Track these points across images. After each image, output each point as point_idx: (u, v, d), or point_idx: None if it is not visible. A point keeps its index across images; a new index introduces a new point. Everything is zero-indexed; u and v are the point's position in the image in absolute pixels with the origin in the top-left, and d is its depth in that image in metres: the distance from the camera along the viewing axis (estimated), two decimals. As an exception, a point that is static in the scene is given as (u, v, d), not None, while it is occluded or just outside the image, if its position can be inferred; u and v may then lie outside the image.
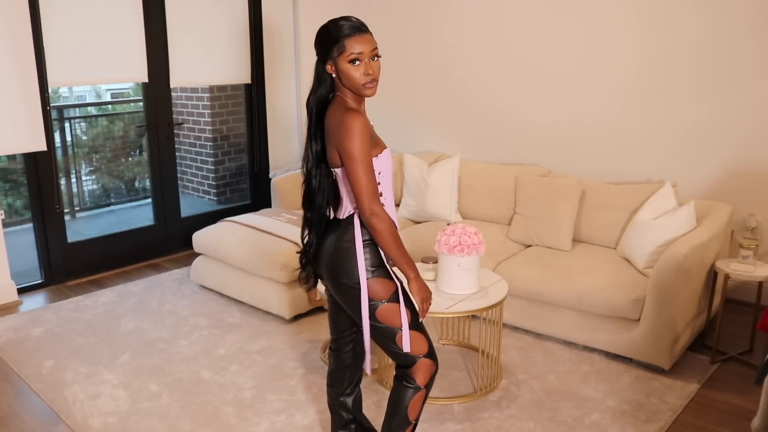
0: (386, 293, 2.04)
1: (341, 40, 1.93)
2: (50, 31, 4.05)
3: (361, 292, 2.03)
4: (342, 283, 2.07)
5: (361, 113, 1.99)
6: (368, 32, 1.97)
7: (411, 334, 2.06)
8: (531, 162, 4.46)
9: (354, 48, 1.93)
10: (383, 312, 2.04)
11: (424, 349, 2.10)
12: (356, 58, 1.93)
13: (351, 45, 1.93)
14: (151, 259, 4.87)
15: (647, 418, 2.76)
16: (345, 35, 1.93)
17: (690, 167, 3.87)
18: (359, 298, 2.04)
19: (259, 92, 5.24)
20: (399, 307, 2.05)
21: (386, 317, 2.05)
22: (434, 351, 2.15)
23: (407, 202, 4.45)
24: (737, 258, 3.21)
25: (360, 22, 1.98)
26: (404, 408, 2.13)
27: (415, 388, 2.12)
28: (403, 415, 2.14)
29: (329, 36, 1.96)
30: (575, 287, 3.29)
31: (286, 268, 3.60)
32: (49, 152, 4.14)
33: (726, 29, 3.62)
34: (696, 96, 3.79)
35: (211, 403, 2.92)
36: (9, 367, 3.26)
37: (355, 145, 1.91)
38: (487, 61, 4.65)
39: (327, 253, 2.10)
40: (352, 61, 1.94)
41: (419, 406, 2.15)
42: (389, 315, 2.05)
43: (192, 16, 4.73)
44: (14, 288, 4.11)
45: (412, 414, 2.14)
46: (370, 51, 1.95)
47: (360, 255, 2.03)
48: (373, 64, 1.97)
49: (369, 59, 1.95)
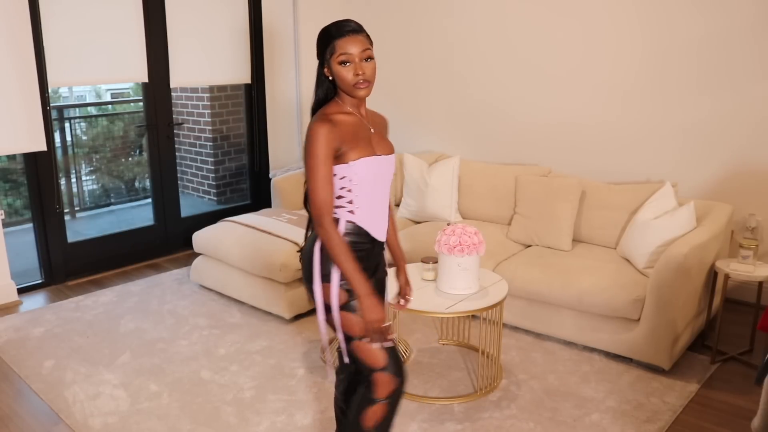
0: (340, 299, 1.99)
1: (332, 42, 1.94)
2: (50, 31, 4.05)
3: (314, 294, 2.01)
4: (306, 284, 2.08)
5: (326, 121, 1.93)
6: (361, 33, 1.96)
7: (360, 345, 1.99)
8: (531, 162, 4.46)
9: (344, 49, 1.92)
10: (339, 318, 2.00)
11: (381, 364, 2.01)
12: (346, 59, 1.93)
13: (341, 46, 1.93)
14: (151, 259, 4.87)
15: (647, 418, 2.76)
16: (336, 37, 1.94)
17: (690, 167, 3.87)
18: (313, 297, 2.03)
19: (259, 92, 5.24)
20: (350, 316, 1.98)
21: (341, 323, 2.00)
22: (398, 367, 2.04)
23: (407, 202, 4.45)
24: (737, 258, 3.21)
25: (354, 24, 1.97)
26: (359, 412, 2.07)
27: (371, 400, 2.04)
28: (356, 422, 2.07)
29: (323, 39, 1.98)
30: (575, 287, 3.29)
31: (286, 268, 3.60)
32: (49, 152, 4.14)
33: (726, 29, 3.62)
34: (696, 96, 3.79)
35: (211, 403, 2.92)
36: (9, 367, 3.26)
37: (309, 154, 1.90)
38: (487, 61, 4.65)
39: (301, 251, 2.12)
40: (342, 63, 1.93)
41: (378, 417, 2.06)
42: (343, 322, 1.99)
43: (192, 16, 4.73)
44: (14, 288, 4.11)
45: (368, 422, 2.06)
46: (360, 52, 1.93)
47: (316, 259, 1.99)
48: (365, 65, 1.95)
49: (360, 60, 1.94)
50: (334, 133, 1.91)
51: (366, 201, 2.01)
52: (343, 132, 1.95)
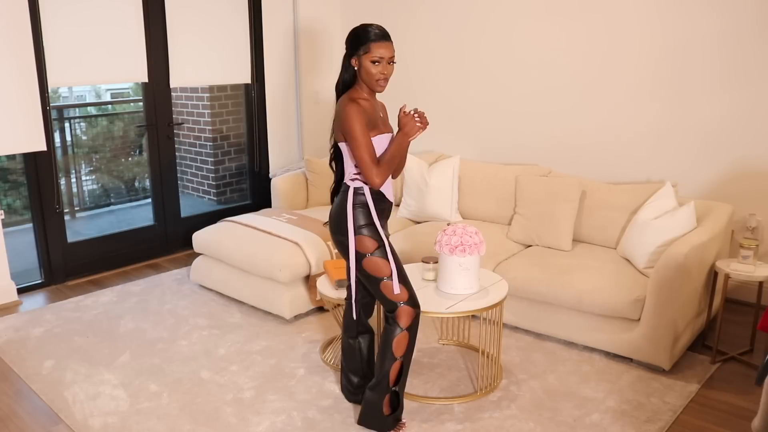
0: (370, 248, 2.51)
1: (368, 43, 2.42)
2: (50, 31, 4.05)
3: (349, 245, 2.52)
4: (337, 237, 2.58)
5: (357, 103, 2.45)
6: (391, 41, 2.46)
7: (387, 284, 2.51)
8: (531, 162, 4.46)
9: (378, 52, 2.43)
10: (368, 263, 2.52)
11: (404, 297, 2.53)
12: (378, 60, 2.43)
13: (376, 48, 2.42)
14: (151, 259, 4.87)
15: (647, 418, 2.76)
16: (372, 39, 2.42)
17: (690, 167, 3.87)
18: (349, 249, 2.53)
19: (259, 92, 5.24)
20: (381, 260, 2.51)
21: (371, 268, 2.52)
22: (415, 299, 2.56)
23: (407, 202, 4.45)
24: (737, 258, 3.21)
25: (386, 31, 2.47)
26: (390, 344, 2.54)
27: (398, 329, 2.53)
28: (390, 351, 2.55)
29: (360, 37, 2.44)
30: (575, 287, 3.29)
31: (286, 268, 3.60)
32: (49, 152, 4.14)
33: (726, 30, 3.62)
34: (696, 96, 3.79)
35: (211, 403, 2.92)
36: (9, 367, 3.26)
37: (354, 127, 2.41)
38: (487, 61, 4.65)
39: (331, 212, 2.62)
40: (374, 62, 2.43)
41: (404, 345, 2.55)
42: (373, 266, 2.52)
43: (192, 15, 4.73)
44: (14, 288, 4.11)
45: (397, 351, 2.55)
46: (389, 57, 2.45)
47: (350, 215, 2.51)
48: (389, 67, 2.47)
49: (387, 63, 2.45)
50: (363, 112, 2.45)
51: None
52: (366, 113, 2.46)
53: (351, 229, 2.51)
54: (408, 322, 2.53)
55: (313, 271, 3.72)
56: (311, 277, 3.73)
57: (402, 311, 2.52)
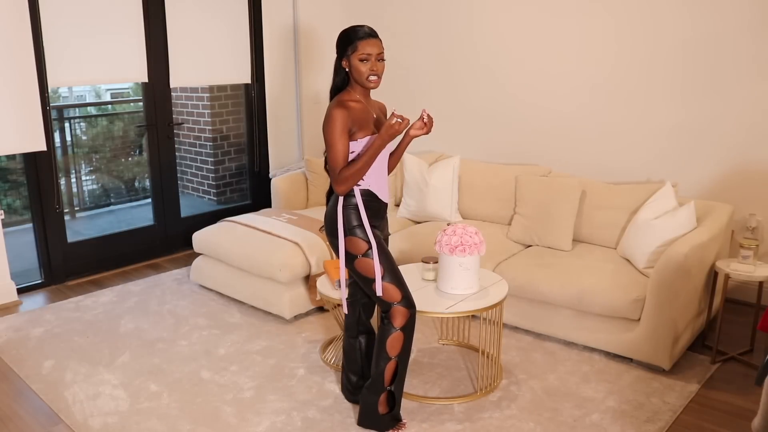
0: (362, 249, 2.53)
1: (355, 42, 2.44)
2: (50, 31, 4.05)
3: (339, 245, 2.55)
4: (331, 239, 2.61)
5: (344, 106, 2.45)
6: (378, 38, 2.48)
7: (383, 285, 2.53)
8: (531, 162, 4.46)
9: (365, 49, 2.44)
10: (360, 264, 2.54)
11: (397, 298, 2.54)
12: (365, 58, 2.44)
13: (362, 46, 2.44)
14: (151, 259, 4.87)
15: (647, 418, 2.76)
16: (359, 38, 2.44)
17: (690, 167, 3.87)
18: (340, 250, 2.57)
19: (259, 92, 5.24)
20: (372, 261, 2.52)
21: (363, 269, 2.54)
22: (410, 299, 2.56)
23: (407, 201, 4.45)
24: (737, 258, 3.21)
25: (372, 29, 2.49)
26: (384, 344, 2.56)
27: (392, 329, 2.54)
28: (384, 351, 2.56)
29: (347, 38, 2.47)
30: (575, 287, 3.29)
31: (285, 268, 3.60)
32: (48, 152, 4.14)
33: (726, 29, 3.62)
34: (696, 96, 3.79)
35: (210, 403, 2.92)
36: (9, 367, 3.26)
37: (330, 132, 2.43)
38: (486, 61, 4.65)
39: (325, 214, 2.65)
40: (362, 60, 2.44)
41: (399, 345, 2.56)
42: (364, 267, 2.54)
43: (192, 15, 4.73)
44: (14, 288, 4.11)
45: (392, 351, 2.56)
46: (377, 53, 2.46)
47: (340, 216, 2.53)
48: (378, 64, 2.47)
49: (376, 60, 2.46)
50: (347, 116, 2.45)
51: (372, 169, 2.52)
52: (354, 116, 2.47)
53: (341, 231, 2.53)
54: (402, 322, 2.54)
55: (313, 271, 3.72)
56: (311, 277, 3.73)
57: (396, 311, 2.53)
